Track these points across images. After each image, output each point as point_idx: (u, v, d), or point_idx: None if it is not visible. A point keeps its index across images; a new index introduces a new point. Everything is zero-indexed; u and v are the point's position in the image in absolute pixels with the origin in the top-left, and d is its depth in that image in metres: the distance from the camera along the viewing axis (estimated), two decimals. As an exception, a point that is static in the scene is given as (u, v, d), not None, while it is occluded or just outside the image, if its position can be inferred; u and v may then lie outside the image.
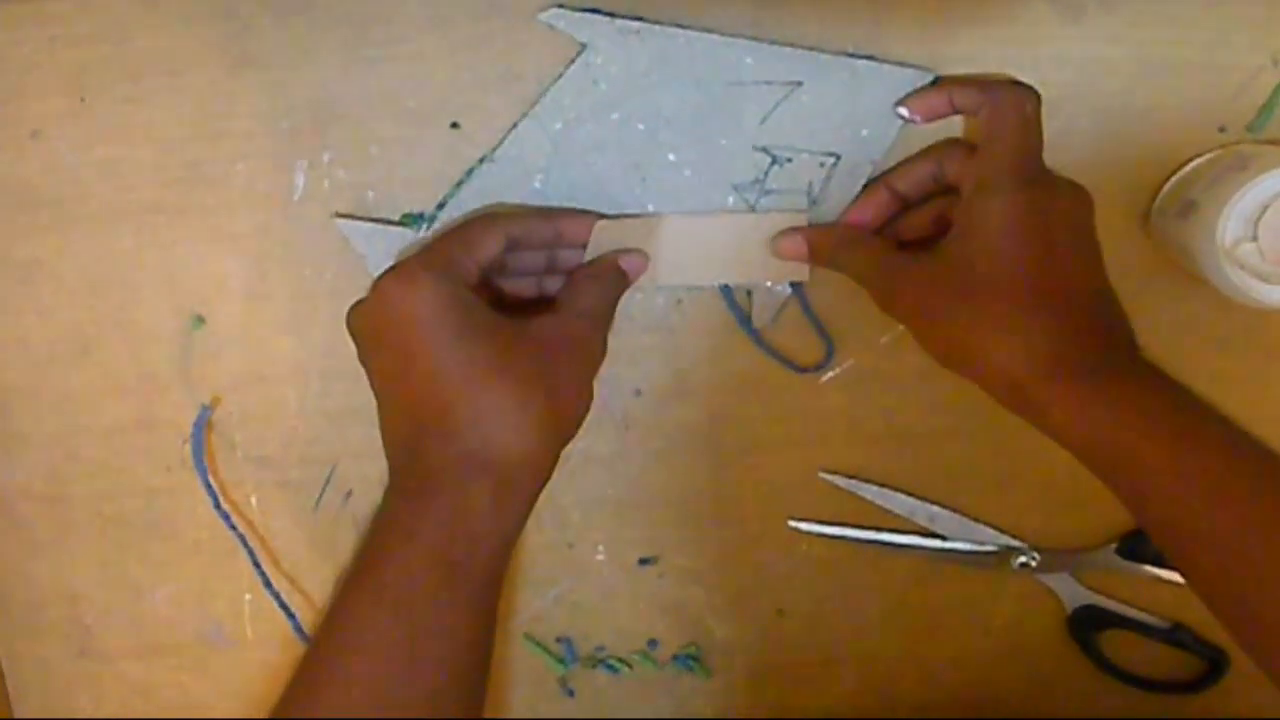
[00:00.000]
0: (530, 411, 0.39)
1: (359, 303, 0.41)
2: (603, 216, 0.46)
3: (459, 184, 0.46)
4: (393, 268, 0.41)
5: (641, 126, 0.45)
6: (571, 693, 0.52)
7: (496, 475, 0.39)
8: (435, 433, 0.39)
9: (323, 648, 0.39)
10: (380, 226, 0.46)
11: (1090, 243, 0.41)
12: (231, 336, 0.48)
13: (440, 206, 0.46)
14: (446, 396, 0.39)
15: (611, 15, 0.44)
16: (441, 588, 0.38)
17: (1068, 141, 0.45)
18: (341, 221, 0.46)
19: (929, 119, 0.44)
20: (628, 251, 0.46)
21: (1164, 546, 0.39)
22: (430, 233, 0.46)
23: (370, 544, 0.40)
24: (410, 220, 0.46)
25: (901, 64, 0.44)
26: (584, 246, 0.46)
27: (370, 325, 0.41)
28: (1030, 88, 0.43)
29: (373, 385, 0.42)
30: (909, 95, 0.44)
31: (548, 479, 0.41)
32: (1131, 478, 0.38)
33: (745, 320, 0.48)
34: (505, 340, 0.40)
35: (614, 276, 0.45)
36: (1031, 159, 0.42)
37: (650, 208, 0.46)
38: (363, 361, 0.42)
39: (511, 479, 0.40)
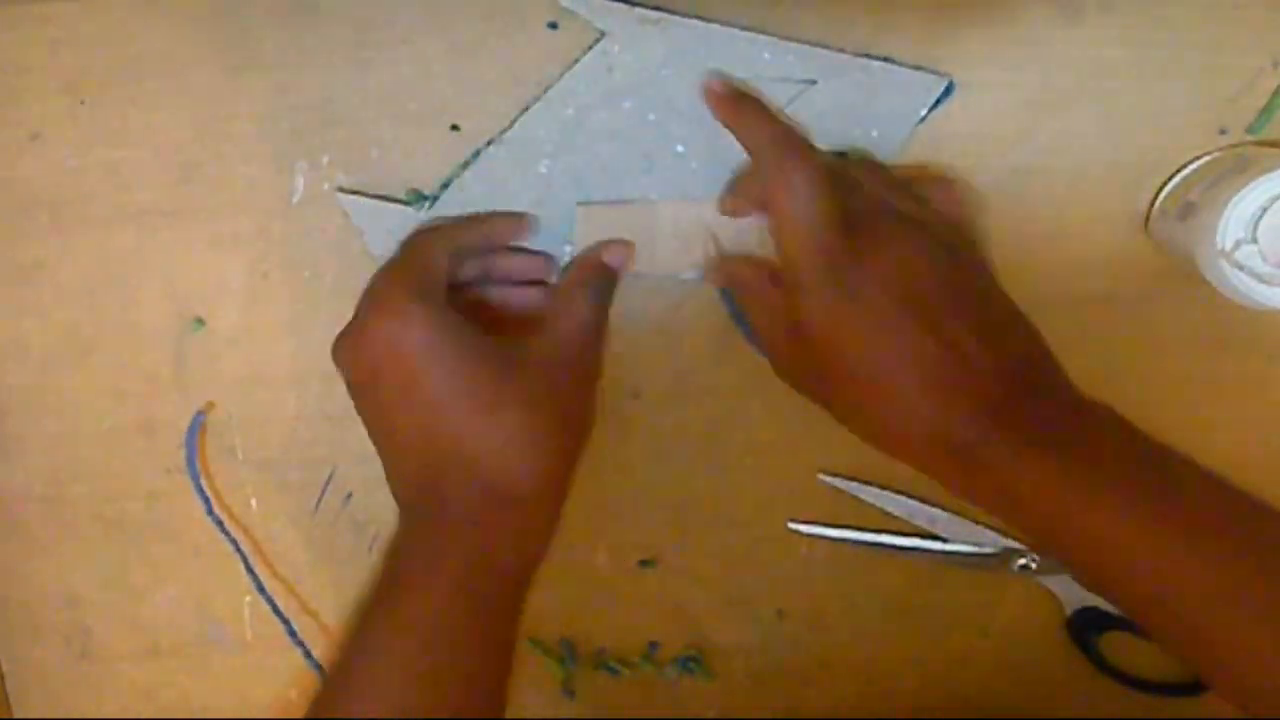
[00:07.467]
0: (543, 437, 0.39)
1: (345, 337, 0.40)
2: (519, 221, 0.46)
3: (464, 165, 0.46)
4: (375, 300, 0.40)
5: (653, 116, 0.45)
6: (572, 694, 0.52)
7: (516, 505, 0.39)
8: (451, 466, 0.38)
9: (342, 678, 0.38)
10: (382, 204, 0.46)
11: (956, 274, 0.38)
12: (231, 339, 0.48)
13: (445, 186, 0.46)
14: (456, 429, 0.38)
15: (632, 4, 0.44)
16: (467, 619, 0.37)
17: (1068, 143, 0.45)
18: (343, 196, 0.46)
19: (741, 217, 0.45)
20: (609, 244, 0.45)
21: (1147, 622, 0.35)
22: (429, 213, 0.46)
23: (390, 577, 0.38)
24: (413, 198, 0.46)
25: (917, 68, 0.44)
26: (512, 248, 0.46)
27: (365, 361, 0.39)
28: (804, 154, 0.39)
29: (370, 422, 0.41)
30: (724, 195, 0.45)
31: (564, 499, 0.41)
32: (1104, 560, 0.34)
33: (745, 320, 0.47)
34: (507, 365, 0.39)
35: (602, 279, 0.44)
36: (820, 243, 0.38)
37: (654, 198, 0.46)
38: (356, 397, 0.41)
39: (531, 507, 0.39)
